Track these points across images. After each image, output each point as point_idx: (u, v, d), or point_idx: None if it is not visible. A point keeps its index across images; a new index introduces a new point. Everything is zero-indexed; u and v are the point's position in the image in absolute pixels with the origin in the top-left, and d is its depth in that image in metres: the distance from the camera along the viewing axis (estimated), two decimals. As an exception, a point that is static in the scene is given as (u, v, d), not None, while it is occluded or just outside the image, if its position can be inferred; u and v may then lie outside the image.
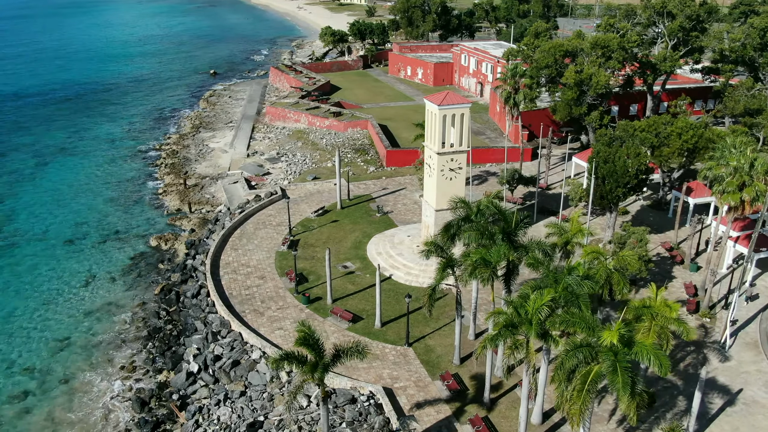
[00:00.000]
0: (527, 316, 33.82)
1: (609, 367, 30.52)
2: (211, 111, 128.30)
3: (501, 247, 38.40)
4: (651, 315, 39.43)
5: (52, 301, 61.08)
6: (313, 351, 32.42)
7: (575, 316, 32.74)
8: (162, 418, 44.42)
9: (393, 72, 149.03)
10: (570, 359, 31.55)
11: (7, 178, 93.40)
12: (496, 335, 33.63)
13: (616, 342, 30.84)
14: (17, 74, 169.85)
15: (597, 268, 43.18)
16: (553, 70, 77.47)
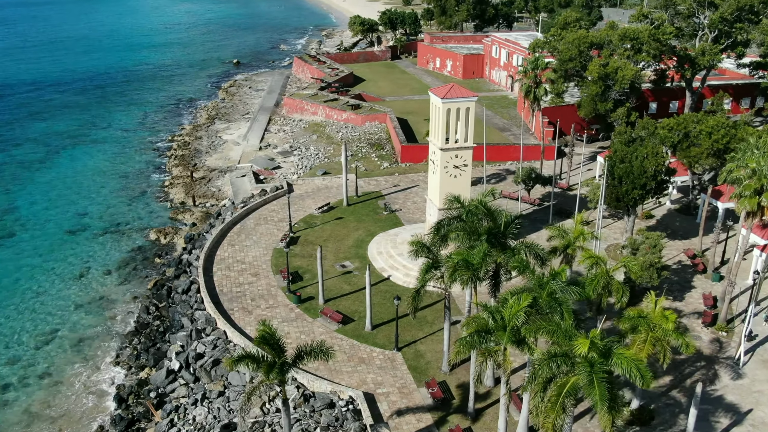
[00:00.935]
0: (503, 321, 33.60)
1: (585, 378, 30.12)
2: (229, 102, 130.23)
3: (482, 248, 38.15)
4: (648, 326, 38.80)
5: (44, 292, 62.94)
6: (273, 351, 32.76)
7: (552, 324, 32.40)
8: (138, 416, 45.43)
9: (422, 64, 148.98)
10: (544, 369, 31.23)
11: (16, 167, 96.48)
12: (467, 341, 33.49)
13: (587, 350, 30.38)
14: (38, 61, 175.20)
15: (595, 275, 42.63)
16: (577, 63, 76.46)
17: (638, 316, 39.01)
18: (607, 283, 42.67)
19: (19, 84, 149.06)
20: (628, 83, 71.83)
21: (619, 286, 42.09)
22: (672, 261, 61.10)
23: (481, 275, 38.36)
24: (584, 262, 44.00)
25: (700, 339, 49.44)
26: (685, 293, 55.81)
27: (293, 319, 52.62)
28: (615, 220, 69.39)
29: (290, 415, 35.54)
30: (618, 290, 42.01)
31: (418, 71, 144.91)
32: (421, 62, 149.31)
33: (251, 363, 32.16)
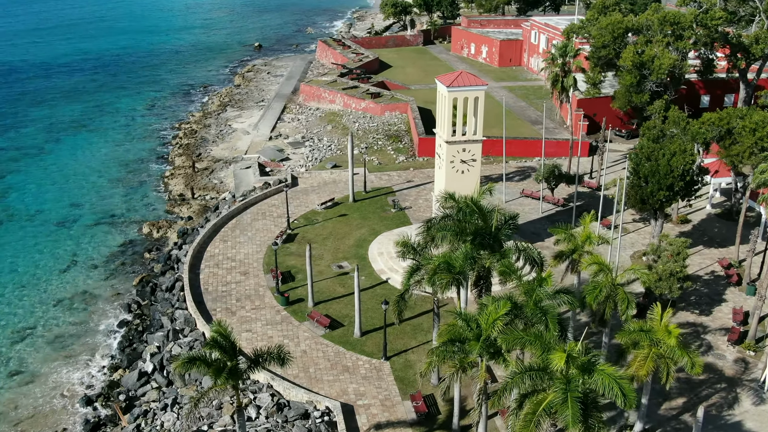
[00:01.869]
0: (478, 330, 33.29)
1: (560, 396, 29.66)
2: (244, 88, 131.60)
3: (465, 250, 37.83)
4: (650, 341, 38.03)
5: (26, 285, 64.65)
6: (226, 354, 33.01)
7: (530, 335, 31.96)
8: (104, 420, 46.30)
9: (455, 50, 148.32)
10: (516, 384, 30.88)
11: (14, 153, 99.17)
12: (440, 351, 33.28)
13: (564, 365, 29.89)
14: (51, 44, 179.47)
15: (597, 283, 41.96)
16: (611, 51, 75.19)
17: (639, 330, 38.21)
18: (611, 292, 41.94)
19: (29, 67, 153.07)
20: (665, 73, 70.30)
21: (624, 297, 41.28)
22: (704, 271, 59.80)
23: (465, 279, 37.94)
24: (587, 268, 43.32)
25: (723, 358, 48.26)
26: (714, 307, 54.52)
27: (278, 322, 52.98)
28: (646, 224, 68.09)
29: (245, 424, 35.74)
30: (623, 301, 41.19)
31: (450, 58, 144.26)
32: (455, 48, 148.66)
33: (202, 366, 32.43)
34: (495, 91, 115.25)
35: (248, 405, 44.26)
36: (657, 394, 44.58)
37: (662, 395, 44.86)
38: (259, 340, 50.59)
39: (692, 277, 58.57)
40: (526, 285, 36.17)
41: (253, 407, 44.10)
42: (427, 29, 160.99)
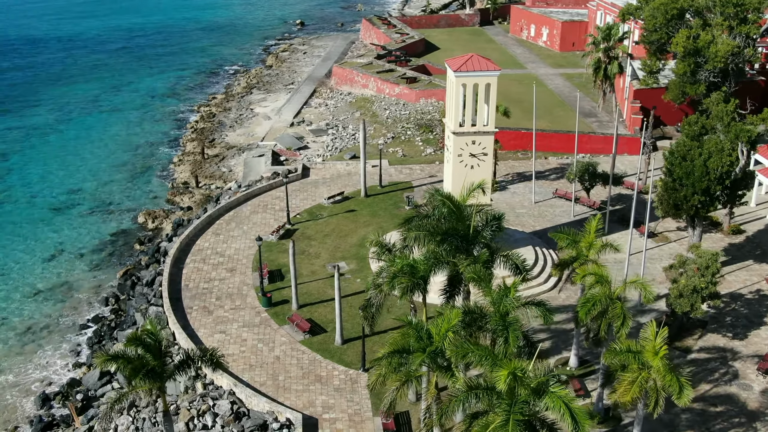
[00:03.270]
0: (429, 341, 33.31)
1: (501, 417, 29.48)
2: (276, 69, 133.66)
3: (428, 253, 37.83)
4: (639, 363, 37.31)
5: (7, 273, 67.62)
6: (150, 354, 33.87)
7: (483, 349, 31.80)
8: (58, 420, 48.00)
9: (514, 31, 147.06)
10: (457, 403, 30.83)
11: (23, 132, 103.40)
12: (384, 362, 33.46)
13: (505, 384, 29.64)
14: (80, 18, 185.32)
15: (590, 296, 41.38)
16: (663, 35, 73.46)
17: (627, 351, 37.50)
18: (608, 307, 41.27)
19: (53, 42, 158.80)
20: (722, 61, 68.31)
21: (620, 312, 40.54)
22: (749, 289, 58.09)
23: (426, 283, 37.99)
24: (582, 279, 42.73)
25: (749, 389, 46.82)
26: (752, 330, 52.91)
27: (256, 324, 53.88)
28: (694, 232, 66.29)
29: (172, 429, 36.56)
30: (618, 317, 40.47)
31: (508, 40, 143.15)
32: (514, 29, 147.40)
33: (123, 364, 33.37)
34: (549, 79, 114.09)
35: (206, 412, 45.21)
36: (663, 425, 43.68)
37: (669, 426, 43.88)
38: (231, 343, 51.59)
39: (733, 296, 57.06)
40: (494, 295, 35.89)
41: (211, 414, 45.02)
42: (486, 8, 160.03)
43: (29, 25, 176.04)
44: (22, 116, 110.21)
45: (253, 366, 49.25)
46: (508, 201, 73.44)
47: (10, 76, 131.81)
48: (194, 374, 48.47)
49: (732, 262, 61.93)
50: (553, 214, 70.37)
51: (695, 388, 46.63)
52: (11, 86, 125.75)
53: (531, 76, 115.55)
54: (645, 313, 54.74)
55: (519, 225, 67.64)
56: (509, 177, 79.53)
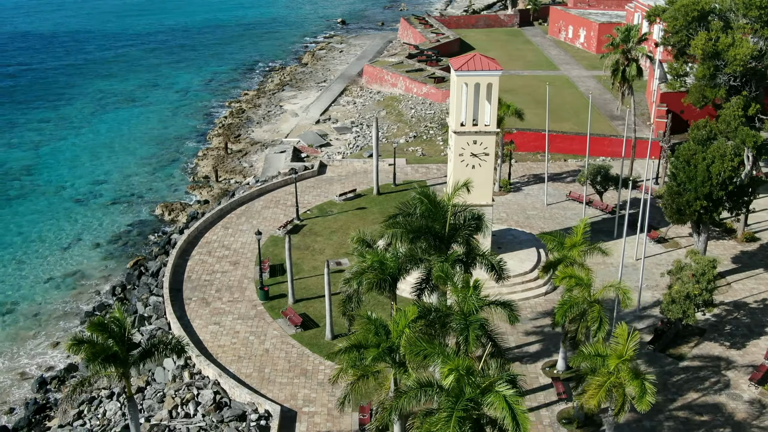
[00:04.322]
0: (386, 337, 33.45)
1: (444, 414, 29.47)
2: (310, 67, 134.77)
3: (395, 251, 37.91)
4: (608, 367, 36.89)
5: (24, 260, 69.46)
6: (113, 339, 34.60)
7: (434, 347, 31.78)
8: (51, 404, 49.29)
9: (553, 32, 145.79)
10: (406, 401, 30.92)
11: (58, 125, 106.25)
12: (342, 356, 33.71)
13: (452, 380, 29.63)
14: (126, 15, 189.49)
15: (568, 298, 41.05)
16: (683, 37, 71.94)
17: (596, 355, 37.11)
18: (585, 310, 40.89)
19: (100, 37, 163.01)
20: (741, 65, 66.67)
21: (597, 316, 40.11)
22: (755, 298, 56.80)
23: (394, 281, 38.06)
24: (562, 282, 42.37)
25: (739, 399, 45.79)
26: (751, 340, 51.72)
27: (251, 317, 54.53)
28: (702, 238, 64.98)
29: (137, 416, 37.28)
30: (594, 320, 40.05)
31: (545, 42, 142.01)
32: (552, 30, 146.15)
33: (88, 349, 34.15)
34: (581, 81, 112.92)
35: (190, 401, 45.99)
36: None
37: (651, 435, 43.28)
38: (224, 335, 52.36)
39: (737, 304, 55.90)
40: (459, 293, 35.82)
41: (194, 403, 45.80)
42: (526, 8, 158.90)
43: (78, 22, 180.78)
44: (60, 109, 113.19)
45: (241, 357, 49.89)
46: (520, 202, 72.98)
47: (53, 71, 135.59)
48: (183, 363, 49.63)
49: (741, 270, 60.65)
50: (564, 216, 69.66)
51: (682, 396, 46.18)
52: (54, 80, 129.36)
53: (563, 78, 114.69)
54: (642, 319, 54.03)
55: (527, 226, 67.11)
56: (525, 178, 78.93)
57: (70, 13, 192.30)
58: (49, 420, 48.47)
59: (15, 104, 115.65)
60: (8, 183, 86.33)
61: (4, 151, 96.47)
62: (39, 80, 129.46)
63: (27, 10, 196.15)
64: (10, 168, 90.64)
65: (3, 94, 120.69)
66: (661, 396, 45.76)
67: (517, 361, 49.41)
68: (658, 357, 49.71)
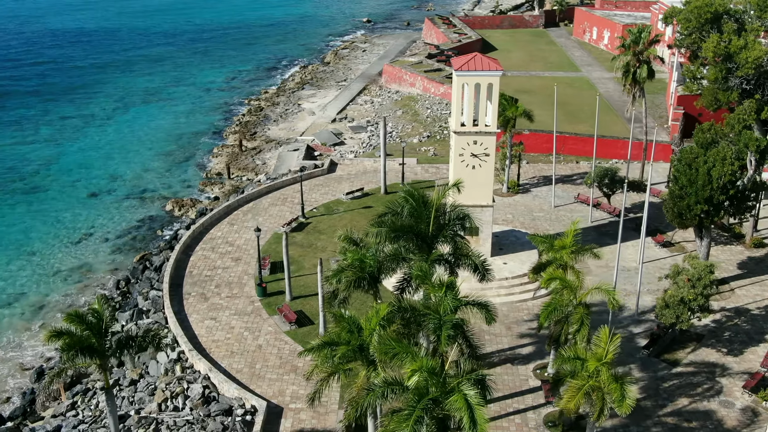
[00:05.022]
0: (358, 335, 33.54)
1: (406, 412, 29.52)
2: (332, 66, 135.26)
3: (374, 249, 37.96)
4: (587, 370, 36.58)
5: (36, 252, 70.83)
6: (90, 331, 35.06)
7: (402, 346, 31.79)
8: (47, 395, 50.10)
9: (577, 34, 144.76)
10: (371, 398, 30.98)
11: (80, 120, 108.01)
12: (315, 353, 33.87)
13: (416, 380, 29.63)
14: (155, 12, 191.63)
15: (552, 301, 40.80)
16: (696, 39, 71.05)
17: (575, 358, 36.81)
18: (571, 312, 40.61)
19: (127, 34, 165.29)
20: (753, 68, 65.67)
21: (579, 317, 39.82)
22: (758, 305, 55.93)
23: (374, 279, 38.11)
24: (547, 283, 42.10)
25: (731, 406, 45.11)
26: (749, 347, 50.89)
27: (248, 313, 54.91)
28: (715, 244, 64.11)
29: (115, 408, 37.75)
30: (576, 321, 39.78)
31: (570, 43, 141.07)
32: (577, 32, 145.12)
33: (65, 339, 34.66)
34: (602, 83, 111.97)
35: (179, 394, 46.47)
36: (630, 438, 42.69)
37: (637, 440, 42.83)
38: (219, 330, 52.78)
39: (739, 310, 55.12)
40: (436, 293, 35.77)
41: (183, 397, 46.27)
42: (552, 9, 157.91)
43: (107, 20, 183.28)
44: (84, 105, 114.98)
45: (234, 353, 50.25)
46: (527, 204, 72.61)
47: (80, 68, 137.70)
48: (176, 357, 50.18)
49: (747, 275, 59.73)
50: (570, 219, 68.70)
51: (673, 402, 45.64)
52: (80, 77, 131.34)
53: (583, 80, 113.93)
54: (640, 324, 53.48)
55: (532, 228, 66.67)
56: (535, 180, 78.46)
57: (100, 11, 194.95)
58: (45, 410, 49.22)
59: (41, 100, 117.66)
60: (27, 177, 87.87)
61: (26, 145, 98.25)
62: (66, 77, 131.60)
63: (59, 8, 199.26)
64: (31, 162, 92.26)
65: (30, 91, 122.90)
66: (650, 401, 45.48)
67: (509, 363, 49.28)
68: (652, 362, 49.16)
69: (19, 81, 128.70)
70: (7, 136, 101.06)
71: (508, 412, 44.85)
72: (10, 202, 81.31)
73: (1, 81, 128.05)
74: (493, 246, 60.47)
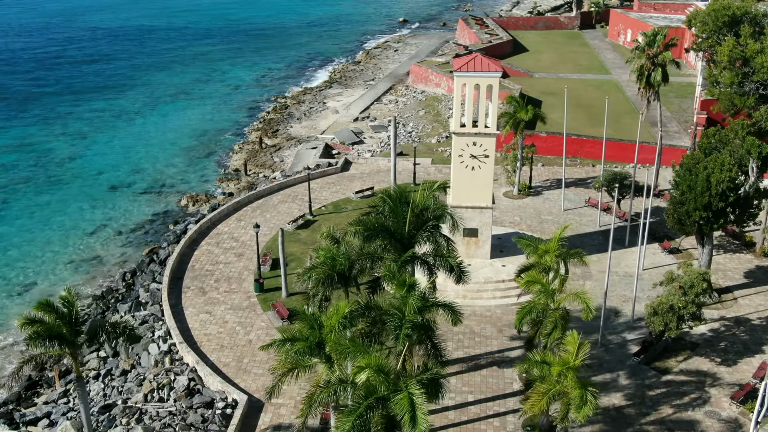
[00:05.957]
0: (319, 332, 33.81)
1: (347, 412, 29.75)
2: (363, 65, 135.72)
3: (346, 247, 38.15)
4: (554, 375, 36.33)
5: (52, 242, 72.64)
6: (60, 320, 35.86)
7: (357, 346, 31.96)
8: (42, 381, 51.41)
9: (612, 36, 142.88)
10: (319, 396, 31.28)
11: (110, 114, 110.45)
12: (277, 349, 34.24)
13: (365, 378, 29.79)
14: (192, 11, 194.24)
15: (527, 304, 40.60)
16: (713, 42, 69.81)
17: (542, 362, 36.57)
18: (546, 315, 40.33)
19: (165, 32, 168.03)
20: None
21: (553, 320, 39.52)
22: (759, 315, 54.74)
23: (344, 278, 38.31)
24: (525, 285, 41.88)
25: (716, 417, 44.30)
26: (744, 357, 49.85)
27: (243, 308, 55.55)
28: (719, 251, 63.09)
29: (85, 397, 38.52)
30: (550, 323, 39.49)
31: (603, 45, 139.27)
32: (612, 34, 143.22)
33: (37, 327, 35.51)
34: (630, 86, 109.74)
35: (166, 385, 47.25)
36: (606, 446, 42.22)
37: (614, 448, 42.36)
38: (212, 324, 53.52)
39: (739, 320, 54.05)
40: (400, 293, 35.82)
41: (168, 388, 47.04)
42: (589, 11, 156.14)
43: (147, 18, 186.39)
44: (115, 100, 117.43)
45: (224, 347, 50.90)
46: (537, 206, 72.09)
47: (115, 63, 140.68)
48: (166, 349, 51.03)
49: (752, 285, 58.50)
50: (579, 222, 68.46)
51: (657, 410, 45.03)
52: (114, 73, 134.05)
53: (611, 82, 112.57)
54: (634, 330, 52.80)
55: (539, 231, 66.16)
56: (548, 182, 77.82)
57: (142, 9, 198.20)
58: (38, 396, 50.48)
59: (75, 95, 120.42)
60: (52, 169, 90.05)
61: (55, 138, 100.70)
62: (101, 73, 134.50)
63: (101, 6, 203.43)
64: (57, 154, 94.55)
65: (65, 86, 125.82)
66: (634, 409, 44.96)
67: (495, 366, 49.08)
68: (642, 369, 48.53)
69: (57, 77, 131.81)
70: (39, 130, 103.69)
71: (488, 414, 44.74)
72: (34, 192, 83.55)
73: (39, 77, 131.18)
74: (495, 248, 60.19)
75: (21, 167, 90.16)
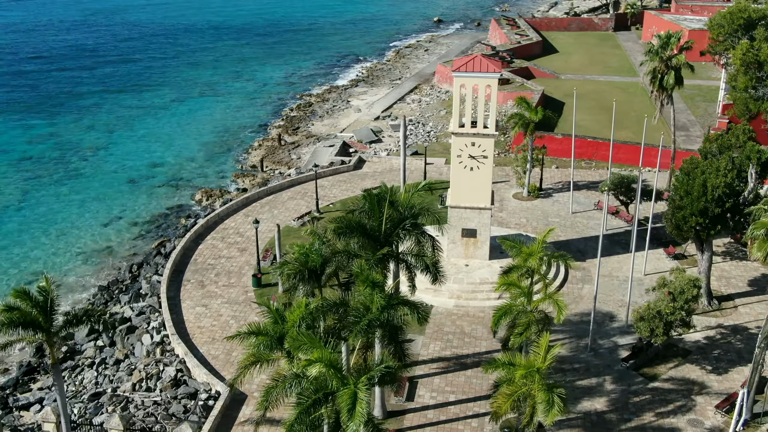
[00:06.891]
0: (282, 327, 34.25)
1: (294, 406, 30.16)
2: (391, 64, 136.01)
3: (317, 244, 38.51)
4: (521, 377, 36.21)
5: (66, 232, 74.43)
6: (36, 308, 36.79)
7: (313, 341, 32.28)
8: (41, 368, 52.74)
9: (646, 38, 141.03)
10: (273, 391, 31.73)
11: (137, 111, 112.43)
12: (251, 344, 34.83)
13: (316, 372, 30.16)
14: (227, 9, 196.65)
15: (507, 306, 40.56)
16: (728, 45, 68.82)
17: (508, 364, 36.51)
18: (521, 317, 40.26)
19: (199, 29, 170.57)
20: (783, 77, 63.20)
21: (525, 322, 39.43)
22: (759, 323, 53.70)
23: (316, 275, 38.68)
24: (501, 289, 41.84)
25: (699, 425, 43.65)
26: (736, 366, 48.99)
27: (239, 302, 56.27)
28: (724, 258, 62.15)
29: (62, 383, 39.42)
30: (522, 325, 39.41)
31: (636, 47, 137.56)
32: (646, 36, 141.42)
33: (14, 315, 36.49)
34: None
35: (154, 376, 48.18)
36: (584, 451, 41.94)
37: (591, 454, 42.06)
38: (207, 317, 54.33)
39: (736, 328, 53.15)
40: (365, 292, 36.09)
41: (156, 379, 47.94)
42: (624, 13, 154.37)
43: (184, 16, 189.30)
44: (144, 96, 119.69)
45: (215, 339, 51.62)
46: (545, 209, 71.63)
47: (149, 60, 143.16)
48: (159, 340, 51.98)
49: (755, 293, 57.45)
50: (585, 226, 67.92)
51: (639, 416, 44.54)
52: (146, 70, 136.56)
53: (637, 85, 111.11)
54: (627, 335, 52.21)
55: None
56: (560, 185, 77.25)
57: (181, 8, 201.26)
58: (34, 382, 51.83)
59: (107, 91, 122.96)
60: (74, 161, 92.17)
61: (81, 131, 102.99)
62: (133, 69, 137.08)
63: (143, 3, 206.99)
64: (81, 148, 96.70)
65: (98, 82, 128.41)
66: (616, 414, 44.52)
67: (480, 367, 48.92)
68: (629, 374, 47.98)
69: (91, 73, 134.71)
70: (69, 123, 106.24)
71: (466, 415, 44.75)
72: (55, 183, 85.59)
73: (75, 72, 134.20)
74: (495, 249, 60.01)
75: (46, 159, 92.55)
